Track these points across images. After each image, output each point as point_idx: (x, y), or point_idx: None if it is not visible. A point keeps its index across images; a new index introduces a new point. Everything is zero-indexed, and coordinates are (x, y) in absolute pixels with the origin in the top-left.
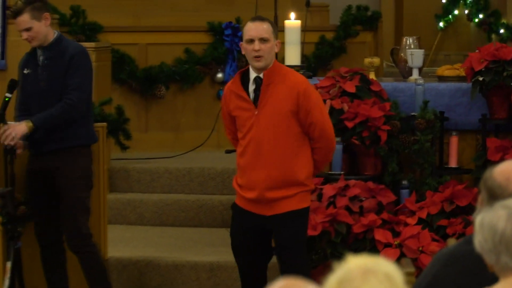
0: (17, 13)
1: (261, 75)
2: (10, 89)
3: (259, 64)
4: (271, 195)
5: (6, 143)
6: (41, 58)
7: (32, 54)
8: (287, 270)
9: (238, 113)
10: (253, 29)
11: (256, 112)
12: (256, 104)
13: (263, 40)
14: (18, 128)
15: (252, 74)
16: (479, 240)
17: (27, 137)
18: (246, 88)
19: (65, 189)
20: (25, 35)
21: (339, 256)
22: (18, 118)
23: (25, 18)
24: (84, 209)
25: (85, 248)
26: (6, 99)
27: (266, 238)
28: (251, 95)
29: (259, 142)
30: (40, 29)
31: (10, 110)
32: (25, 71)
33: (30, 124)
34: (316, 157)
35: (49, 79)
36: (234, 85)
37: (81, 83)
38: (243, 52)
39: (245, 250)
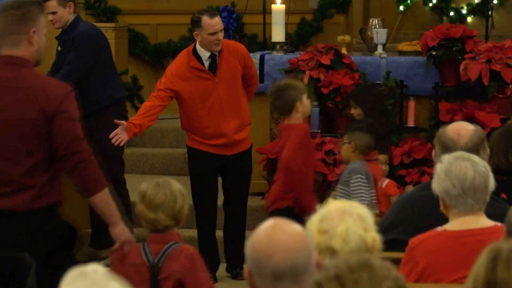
0: None
1: (216, 52)
2: None
3: (219, 48)
4: (238, 137)
5: None
6: (63, 39)
7: (60, 35)
8: (240, 205)
9: (198, 83)
10: (217, 24)
11: (217, 80)
12: (214, 73)
13: (221, 30)
14: None
15: (205, 52)
16: (446, 186)
17: None
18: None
19: (99, 144)
20: (50, 17)
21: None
22: None
23: (53, 3)
24: (116, 157)
25: (118, 190)
26: None
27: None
28: (206, 67)
29: (222, 101)
30: (64, 14)
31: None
32: (58, 48)
33: None
34: (249, 95)
35: (65, 58)
36: (193, 62)
37: (72, 59)
38: (198, 40)
39: (211, 188)
